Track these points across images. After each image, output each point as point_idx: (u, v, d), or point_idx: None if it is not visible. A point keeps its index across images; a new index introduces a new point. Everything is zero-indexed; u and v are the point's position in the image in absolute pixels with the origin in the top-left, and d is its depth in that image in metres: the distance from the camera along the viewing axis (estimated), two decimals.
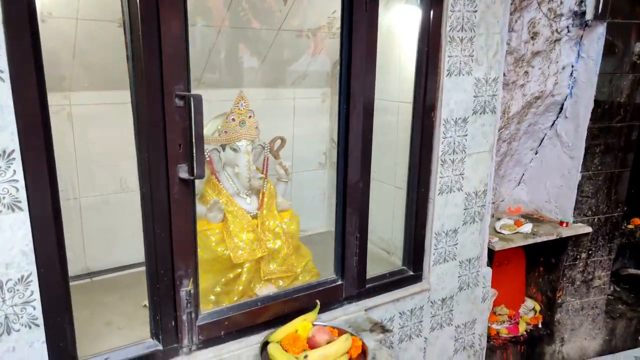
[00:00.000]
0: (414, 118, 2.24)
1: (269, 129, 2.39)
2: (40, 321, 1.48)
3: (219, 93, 2.48)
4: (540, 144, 3.17)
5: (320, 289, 2.09)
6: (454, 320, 2.56)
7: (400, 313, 2.33)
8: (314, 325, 1.94)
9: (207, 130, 2.26)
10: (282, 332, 1.90)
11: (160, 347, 1.73)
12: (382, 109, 2.59)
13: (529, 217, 3.18)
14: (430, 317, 2.46)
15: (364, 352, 1.84)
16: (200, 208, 2.19)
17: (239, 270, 2.17)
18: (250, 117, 2.21)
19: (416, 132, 2.24)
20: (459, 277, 2.51)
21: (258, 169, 2.33)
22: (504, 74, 2.72)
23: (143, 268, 1.73)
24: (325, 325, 1.95)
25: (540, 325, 3.24)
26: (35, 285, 1.46)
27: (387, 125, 2.60)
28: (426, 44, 2.14)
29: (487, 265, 2.68)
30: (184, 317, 1.74)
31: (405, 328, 2.37)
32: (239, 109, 2.17)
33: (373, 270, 2.32)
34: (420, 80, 2.19)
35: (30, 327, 1.47)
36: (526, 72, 2.82)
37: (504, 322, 3.13)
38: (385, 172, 2.62)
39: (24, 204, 1.40)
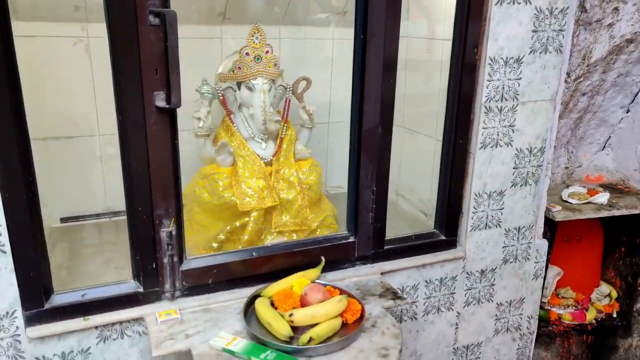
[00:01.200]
0: (452, 55, 1.89)
1: (302, 70, 2.16)
2: (7, 248, 1.43)
3: (247, 30, 2.28)
4: (633, 100, 2.63)
5: (328, 244, 1.87)
6: (495, 297, 2.22)
7: (426, 281, 2.05)
8: (312, 283, 1.74)
9: (223, 68, 2.10)
10: (276, 287, 1.71)
11: (141, 290, 1.63)
12: (424, 48, 2.26)
13: (611, 187, 2.68)
14: (465, 290, 2.14)
15: (362, 317, 1.61)
16: (211, 150, 2.06)
17: (247, 219, 2.01)
18: (267, 52, 2.00)
19: (455, 73, 1.90)
20: (503, 247, 2.15)
21: (279, 112, 2.13)
22: (586, 10, 2.24)
23: None
24: (325, 285, 1.74)
25: (615, 315, 2.76)
26: None
27: (429, 67, 2.27)
28: None
29: (545, 238, 2.28)
30: (165, 260, 1.62)
31: (433, 299, 2.09)
32: (253, 42, 1.97)
33: (406, 233, 2.06)
34: (461, 8, 1.82)
35: None
36: (615, 9, 2.29)
37: (568, 306, 2.69)
38: (425, 123, 2.29)
39: None
